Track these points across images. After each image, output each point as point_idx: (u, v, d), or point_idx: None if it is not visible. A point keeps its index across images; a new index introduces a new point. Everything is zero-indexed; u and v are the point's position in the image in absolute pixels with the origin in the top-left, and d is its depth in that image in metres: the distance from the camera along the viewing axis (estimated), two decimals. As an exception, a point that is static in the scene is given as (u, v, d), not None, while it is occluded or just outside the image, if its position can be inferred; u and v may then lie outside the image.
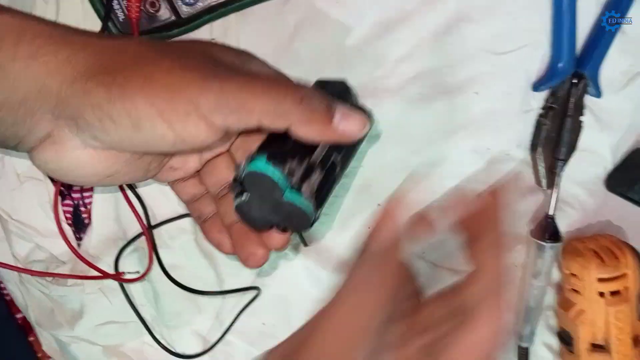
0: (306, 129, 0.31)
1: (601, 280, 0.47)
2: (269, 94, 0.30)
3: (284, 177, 0.31)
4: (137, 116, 0.30)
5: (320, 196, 0.33)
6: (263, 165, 0.31)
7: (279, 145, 0.33)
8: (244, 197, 0.33)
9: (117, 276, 0.51)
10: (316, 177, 0.32)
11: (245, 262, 0.38)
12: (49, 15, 0.45)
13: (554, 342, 0.54)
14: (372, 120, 0.35)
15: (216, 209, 0.40)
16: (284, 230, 0.35)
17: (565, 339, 0.51)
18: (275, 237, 0.36)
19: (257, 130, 0.32)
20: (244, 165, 0.32)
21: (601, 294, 0.47)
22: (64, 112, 0.30)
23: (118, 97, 0.29)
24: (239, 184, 0.33)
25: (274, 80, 0.31)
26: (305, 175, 0.32)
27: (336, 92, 0.34)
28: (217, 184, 0.40)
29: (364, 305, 0.29)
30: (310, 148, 0.33)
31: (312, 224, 0.33)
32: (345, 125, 0.31)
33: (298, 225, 0.34)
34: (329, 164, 0.34)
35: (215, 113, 0.30)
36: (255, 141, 0.35)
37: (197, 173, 0.40)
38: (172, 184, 0.41)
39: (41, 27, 0.30)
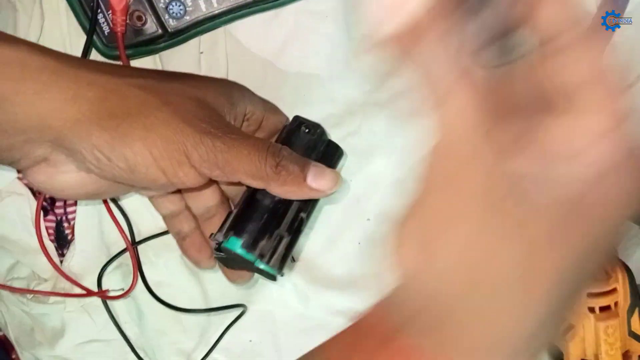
0: (282, 190, 0.35)
1: (591, 295, 0.47)
2: (251, 158, 0.33)
3: (255, 257, 0.37)
4: (135, 162, 0.32)
5: (287, 255, 0.38)
6: (238, 249, 0.37)
7: (252, 215, 0.38)
8: (221, 255, 0.38)
9: (102, 293, 0.50)
10: (284, 243, 0.37)
11: (233, 281, 0.42)
12: (33, 29, 0.44)
13: (544, 358, 0.53)
14: (343, 156, 0.42)
15: (196, 226, 0.42)
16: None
17: (555, 354, 0.51)
18: None
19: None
20: (222, 239, 0.37)
21: (591, 310, 0.47)
22: (62, 144, 0.32)
23: (119, 143, 0.31)
24: (217, 246, 0.38)
25: (257, 145, 0.34)
26: (275, 249, 0.37)
27: (311, 133, 0.40)
28: (202, 206, 0.42)
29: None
30: (282, 212, 0.38)
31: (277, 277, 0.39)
32: (317, 184, 0.35)
33: (267, 277, 0.39)
34: (296, 225, 0.38)
35: (204, 165, 0.33)
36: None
37: (179, 190, 0.42)
38: (152, 197, 0.42)
39: (45, 60, 0.31)
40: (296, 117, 0.41)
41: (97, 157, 0.32)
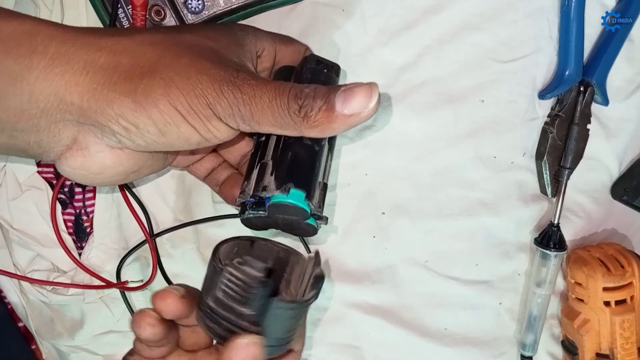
0: (316, 132, 0.31)
1: (607, 289, 0.47)
2: (273, 108, 0.31)
3: (311, 209, 0.34)
4: (164, 122, 0.30)
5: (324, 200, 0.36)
6: (301, 202, 0.33)
7: (297, 163, 0.35)
8: (257, 213, 0.35)
9: (121, 285, 0.50)
10: (325, 191, 0.36)
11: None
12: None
13: (558, 351, 0.53)
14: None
15: (233, 172, 0.42)
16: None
17: (570, 348, 0.51)
18: None
19: None
20: (276, 193, 0.34)
21: (607, 303, 0.47)
22: (87, 120, 0.31)
23: (142, 106, 0.30)
24: (255, 204, 0.35)
25: (278, 91, 0.31)
26: (323, 199, 0.35)
27: (329, 70, 0.37)
28: (238, 156, 0.42)
29: None
30: (318, 156, 0.35)
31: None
32: (350, 108, 0.31)
33: (304, 234, 0.36)
34: (328, 168, 0.37)
35: (230, 119, 0.31)
36: None
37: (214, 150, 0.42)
38: (189, 167, 0.42)
39: (51, 31, 0.30)
40: (312, 56, 0.38)
41: (125, 126, 0.30)
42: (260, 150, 0.36)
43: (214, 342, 0.37)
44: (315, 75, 0.37)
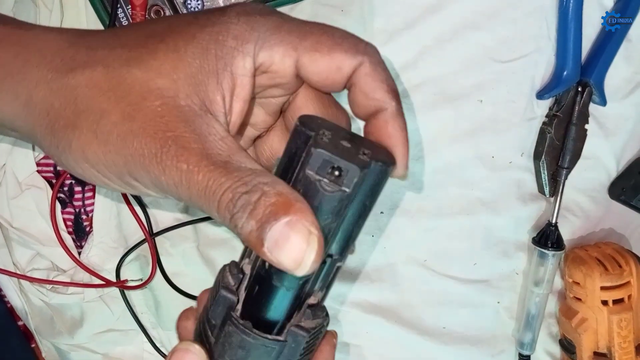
0: (245, 242, 0.25)
1: (604, 288, 0.47)
2: (201, 203, 0.26)
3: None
4: (89, 177, 0.29)
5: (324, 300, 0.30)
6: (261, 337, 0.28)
7: (270, 298, 0.28)
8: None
9: (121, 284, 0.51)
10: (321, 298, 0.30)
11: None
12: (53, 24, 0.45)
13: (556, 350, 0.54)
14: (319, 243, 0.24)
15: None
16: None
17: (568, 347, 0.51)
18: None
19: None
20: (240, 324, 0.28)
21: (604, 302, 0.47)
22: None
23: (66, 160, 0.28)
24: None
25: (208, 190, 0.25)
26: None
27: (338, 182, 0.24)
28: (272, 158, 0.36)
29: None
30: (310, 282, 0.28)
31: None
32: (278, 256, 0.24)
33: None
34: (330, 278, 0.29)
35: (155, 191, 0.28)
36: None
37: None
38: None
39: (7, 57, 0.29)
40: (319, 153, 0.24)
41: (64, 167, 0.29)
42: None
43: None
44: (308, 189, 0.25)
